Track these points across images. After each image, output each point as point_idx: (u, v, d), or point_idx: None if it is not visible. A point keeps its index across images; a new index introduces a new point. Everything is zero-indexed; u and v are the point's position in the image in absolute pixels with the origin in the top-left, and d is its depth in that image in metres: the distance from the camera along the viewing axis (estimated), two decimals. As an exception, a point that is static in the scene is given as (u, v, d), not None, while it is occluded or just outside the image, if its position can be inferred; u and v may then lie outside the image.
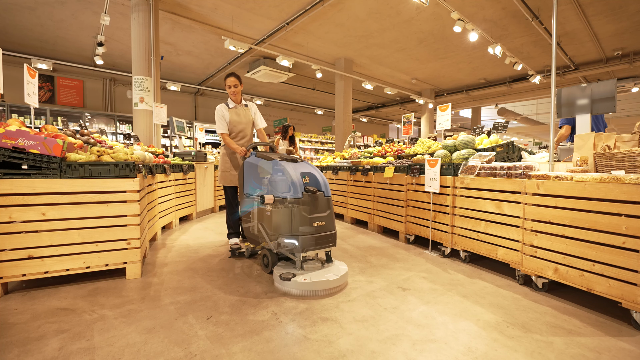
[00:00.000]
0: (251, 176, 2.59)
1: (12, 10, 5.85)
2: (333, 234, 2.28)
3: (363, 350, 1.46)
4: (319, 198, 2.24)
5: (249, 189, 2.62)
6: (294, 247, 2.15)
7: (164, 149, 7.71)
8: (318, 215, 2.21)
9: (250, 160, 2.63)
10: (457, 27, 5.65)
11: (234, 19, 6.25)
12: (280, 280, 2.12)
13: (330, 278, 2.07)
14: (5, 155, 1.92)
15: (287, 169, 2.23)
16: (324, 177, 2.38)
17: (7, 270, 1.97)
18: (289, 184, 2.19)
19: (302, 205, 2.16)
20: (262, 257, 2.52)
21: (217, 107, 3.02)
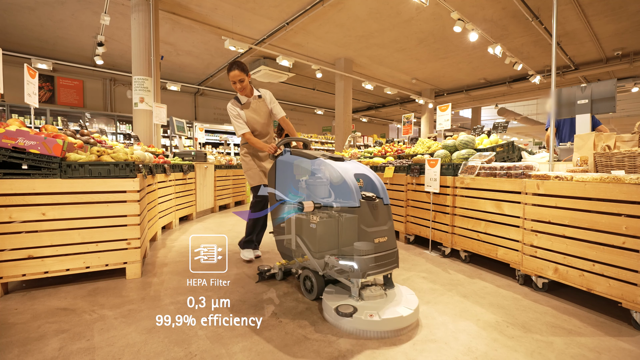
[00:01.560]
0: (285, 178, 2.15)
1: (12, 10, 5.85)
2: (395, 252, 1.83)
3: (363, 350, 1.46)
4: (378, 207, 1.80)
5: (282, 193, 2.18)
6: (351, 270, 1.68)
7: (164, 149, 7.71)
8: (379, 229, 1.77)
9: (284, 159, 2.18)
10: (457, 27, 5.65)
11: (234, 19, 6.25)
12: (336, 316, 1.63)
13: (404, 313, 1.61)
14: (5, 155, 1.92)
15: (337, 170, 1.81)
16: (380, 179, 1.95)
17: (7, 270, 1.97)
18: (341, 189, 1.78)
19: (360, 216, 1.73)
20: (304, 279, 2.04)
21: (228, 106, 2.62)
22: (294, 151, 2.20)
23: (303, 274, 2.05)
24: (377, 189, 1.92)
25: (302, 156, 2.08)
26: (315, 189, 1.91)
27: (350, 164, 1.96)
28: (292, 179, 2.09)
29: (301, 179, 2.01)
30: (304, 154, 2.09)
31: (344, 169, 1.84)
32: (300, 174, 2.04)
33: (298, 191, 2.02)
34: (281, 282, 2.27)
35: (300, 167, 2.05)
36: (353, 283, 1.74)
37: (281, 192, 2.19)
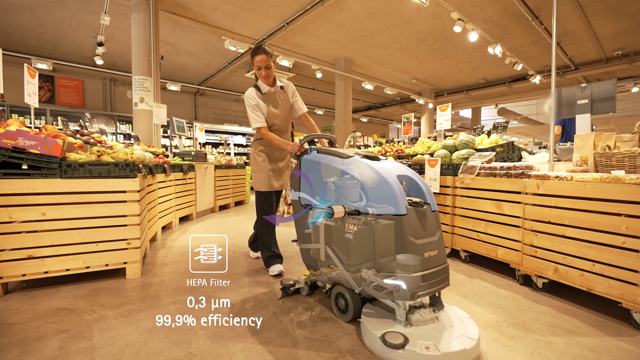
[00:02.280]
0: (311, 179, 1.89)
1: (12, 10, 5.85)
2: (446, 268, 1.56)
3: (363, 350, 1.46)
4: (427, 215, 1.54)
5: (308, 196, 1.90)
6: (397, 290, 1.39)
7: (164, 149, 7.71)
8: (428, 241, 1.50)
9: (311, 157, 1.92)
10: (457, 27, 5.65)
11: (234, 19, 6.25)
12: (383, 347, 1.35)
13: (467, 345, 1.33)
14: (5, 155, 1.92)
15: (378, 171, 1.56)
16: (424, 181, 1.70)
17: (7, 270, 1.97)
18: (382, 193, 1.52)
19: (407, 225, 1.45)
20: (336, 297, 1.78)
21: (246, 94, 2.28)
22: (322, 149, 1.94)
23: (335, 290, 1.76)
24: (423, 193, 1.65)
25: (332, 154, 1.81)
26: (347, 191, 1.62)
27: (389, 164, 1.71)
28: (320, 181, 1.81)
29: (329, 180, 1.73)
30: (334, 152, 1.82)
31: (385, 169, 1.58)
32: (328, 175, 1.75)
33: (326, 194, 1.75)
34: (307, 297, 2.02)
35: (329, 168, 1.75)
36: (399, 305, 1.47)
37: (307, 195, 1.91)
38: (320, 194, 1.80)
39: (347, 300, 1.69)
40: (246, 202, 6.88)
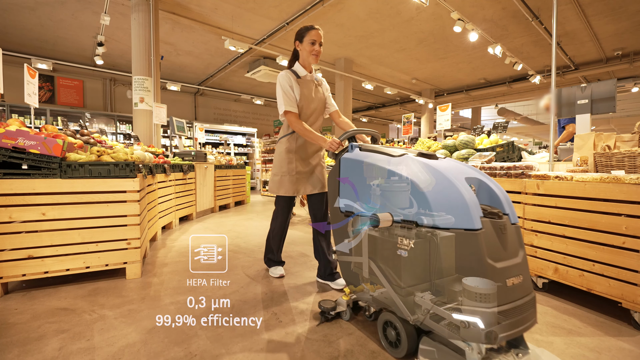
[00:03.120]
0: (352, 182, 1.59)
1: (12, 10, 5.85)
2: (533, 299, 1.20)
3: (363, 350, 1.46)
4: (507, 229, 1.20)
5: (349, 201, 1.60)
6: (466, 326, 1.05)
7: (164, 149, 7.72)
8: (510, 264, 1.15)
9: (352, 156, 1.61)
10: (457, 27, 5.65)
11: (234, 19, 6.25)
12: None
13: None
14: (5, 155, 1.92)
15: (442, 173, 1.23)
16: (500, 186, 1.36)
17: (7, 270, 1.97)
18: (446, 200, 1.18)
19: (483, 243, 1.11)
20: (383, 325, 1.45)
21: (281, 74, 2.03)
22: (366, 146, 1.65)
23: (383, 318, 1.44)
24: (499, 200, 1.30)
25: (378, 152, 1.52)
26: (397, 197, 1.31)
27: (451, 163, 1.40)
28: (363, 184, 1.52)
29: (374, 183, 1.43)
30: (381, 149, 1.54)
31: (449, 170, 1.27)
32: (374, 177, 1.45)
33: (370, 199, 1.44)
34: (348, 322, 1.71)
35: (375, 168, 1.44)
36: (472, 348, 1.10)
37: (348, 201, 1.61)
38: (364, 199, 1.49)
39: (399, 330, 1.35)
40: (246, 202, 6.88)
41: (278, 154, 2.18)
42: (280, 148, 2.16)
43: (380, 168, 1.42)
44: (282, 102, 2.01)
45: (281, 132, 2.19)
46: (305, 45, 2.05)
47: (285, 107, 2.00)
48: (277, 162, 2.18)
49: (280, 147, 2.17)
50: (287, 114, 2.00)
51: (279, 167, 2.15)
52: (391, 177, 1.35)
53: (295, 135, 2.11)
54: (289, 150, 2.12)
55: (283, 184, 2.12)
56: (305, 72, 2.11)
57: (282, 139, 2.17)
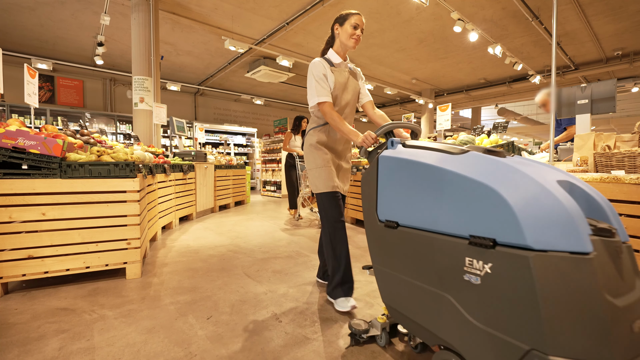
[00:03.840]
0: (395, 186, 1.24)
1: (12, 10, 5.85)
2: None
3: (363, 350, 1.46)
4: (622, 251, 0.88)
5: (390, 209, 1.24)
6: None
7: (164, 149, 7.72)
8: (633, 300, 0.83)
9: (394, 155, 1.26)
10: (457, 27, 5.65)
11: (234, 19, 6.25)
12: None
13: None
14: (5, 155, 1.92)
15: (524, 173, 0.90)
16: (598, 192, 1.03)
17: (7, 270, 1.97)
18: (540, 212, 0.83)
19: (599, 272, 0.78)
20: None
21: (313, 62, 1.83)
22: (411, 143, 1.30)
23: (441, 358, 1.09)
24: (603, 211, 0.97)
25: (432, 150, 1.17)
26: (461, 205, 0.97)
27: (532, 163, 1.05)
28: (410, 188, 1.16)
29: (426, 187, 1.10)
30: (435, 146, 1.19)
31: (535, 171, 0.93)
32: (424, 180, 1.11)
33: (421, 207, 1.11)
34: (384, 349, 1.45)
35: (428, 169, 1.10)
36: None
37: (389, 208, 1.24)
38: (412, 207, 1.15)
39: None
40: (246, 202, 6.89)
41: (308, 148, 1.95)
42: (311, 140, 1.94)
43: (437, 169, 1.06)
44: (314, 92, 1.81)
45: (310, 124, 1.99)
46: (346, 27, 1.86)
47: (318, 97, 1.79)
48: (310, 156, 1.93)
49: (310, 139, 1.95)
50: (321, 105, 1.79)
51: (313, 160, 1.92)
52: (452, 180, 1.01)
53: (328, 127, 1.92)
54: (320, 142, 1.92)
55: (321, 177, 1.87)
56: (340, 59, 1.92)
57: (311, 130, 1.95)
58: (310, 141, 1.94)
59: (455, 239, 0.99)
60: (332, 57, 1.93)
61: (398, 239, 1.20)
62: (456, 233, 0.99)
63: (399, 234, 1.19)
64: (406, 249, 1.16)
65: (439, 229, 1.04)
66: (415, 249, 1.13)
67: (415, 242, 1.13)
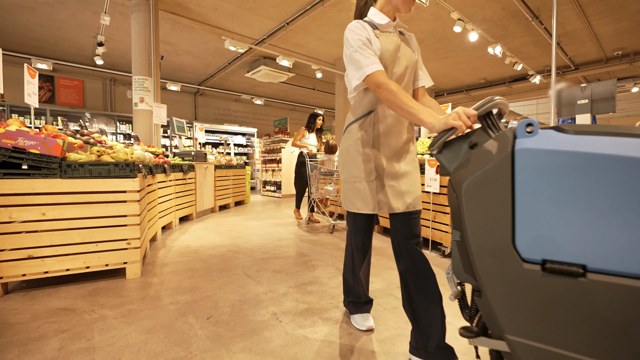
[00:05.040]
0: (568, 201, 0.61)
1: (12, 10, 5.85)
2: None
3: (363, 351, 1.46)
4: None
5: (539, 236, 0.64)
6: None
7: (164, 149, 7.72)
8: None
9: (554, 146, 0.62)
10: (457, 27, 5.65)
11: (234, 19, 6.25)
12: None
13: None
14: (5, 155, 1.92)
15: None
16: None
17: (7, 270, 1.97)
18: None
19: None
20: None
21: (349, 27, 1.31)
22: (585, 127, 0.66)
23: None
24: None
25: (628, 135, 0.59)
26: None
27: None
28: (587, 202, 0.61)
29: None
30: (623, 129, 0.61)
31: None
32: (620, 186, 0.57)
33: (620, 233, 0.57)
34: None
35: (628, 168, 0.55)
36: None
37: (541, 235, 0.65)
38: (590, 232, 0.62)
39: None
40: (246, 202, 6.89)
41: (346, 151, 1.44)
42: (349, 140, 1.42)
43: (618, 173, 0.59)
44: (356, 65, 1.24)
45: (350, 117, 1.47)
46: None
47: (365, 69, 1.20)
48: (346, 162, 1.43)
49: (348, 138, 1.43)
50: (371, 77, 1.19)
51: (349, 169, 1.41)
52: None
53: (373, 117, 1.36)
54: (364, 142, 1.37)
55: (359, 193, 1.38)
56: (387, 19, 1.34)
57: (351, 126, 1.43)
58: (349, 142, 1.42)
59: None
60: (376, 17, 1.36)
61: (583, 294, 0.63)
62: None
63: (586, 287, 0.62)
64: (607, 312, 0.62)
65: None
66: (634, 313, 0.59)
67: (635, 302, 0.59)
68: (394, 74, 1.34)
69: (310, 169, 4.44)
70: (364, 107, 1.39)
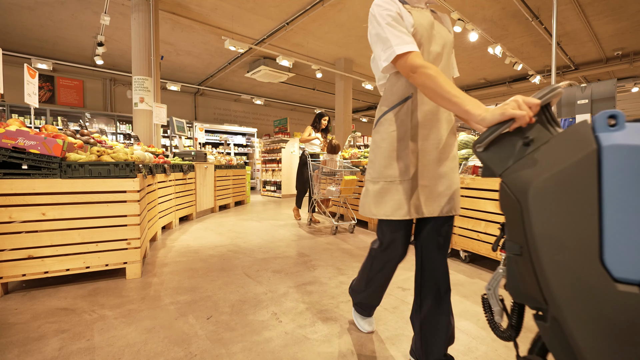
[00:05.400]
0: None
1: (12, 10, 5.85)
2: None
3: (363, 351, 1.46)
4: None
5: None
6: None
7: (164, 149, 7.72)
8: None
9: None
10: (457, 27, 5.65)
11: (234, 19, 6.25)
12: None
13: None
14: (5, 155, 1.92)
15: None
16: None
17: (7, 270, 1.97)
18: None
19: None
20: None
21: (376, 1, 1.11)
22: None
23: None
24: None
25: None
26: None
27: None
28: None
29: None
30: None
31: None
32: None
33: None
34: None
35: None
36: None
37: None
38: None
39: None
40: (246, 202, 6.89)
41: (376, 146, 1.21)
42: (382, 134, 1.19)
43: None
44: (383, 44, 1.07)
45: (381, 107, 1.21)
46: None
47: (396, 48, 1.02)
48: (376, 159, 1.21)
49: (381, 132, 1.19)
50: (403, 58, 1.02)
51: (380, 167, 1.19)
52: None
53: (411, 105, 1.14)
54: (400, 134, 1.15)
55: (388, 197, 1.16)
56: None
57: (383, 117, 1.19)
58: (381, 135, 1.18)
59: None
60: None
61: None
62: None
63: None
64: None
65: None
66: None
67: None
68: (431, 52, 1.12)
69: (312, 169, 4.35)
70: (398, 94, 1.15)
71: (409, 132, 1.15)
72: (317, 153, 4.66)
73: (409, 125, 1.15)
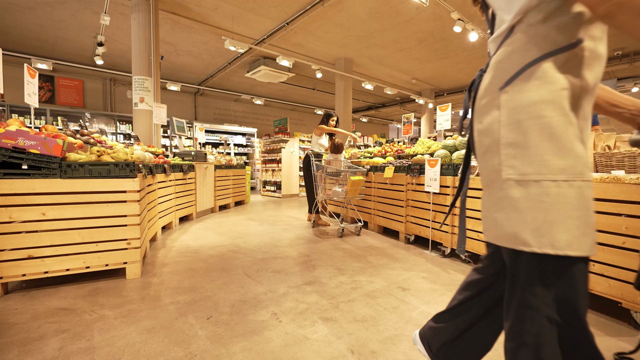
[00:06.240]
0: None
1: (12, 10, 5.85)
2: None
3: (363, 351, 1.46)
4: None
5: None
6: None
7: (164, 149, 7.72)
8: None
9: None
10: (457, 27, 5.65)
11: (234, 19, 6.25)
12: None
13: None
14: (5, 155, 1.92)
15: None
16: None
17: (7, 270, 1.97)
18: None
19: None
20: None
21: None
22: None
23: None
24: None
25: None
26: None
27: None
28: None
29: None
30: None
31: None
32: None
33: None
34: None
35: None
36: None
37: None
38: None
39: None
40: (246, 202, 6.89)
41: (528, 115, 0.68)
42: (537, 94, 0.68)
43: None
44: None
45: (517, 56, 0.71)
46: None
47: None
48: (529, 140, 0.68)
49: (534, 91, 0.68)
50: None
51: (539, 153, 0.68)
52: None
53: (580, 54, 0.66)
54: (574, 98, 0.68)
55: (560, 212, 0.68)
56: None
57: (534, 66, 0.68)
58: (536, 96, 0.68)
59: None
60: None
61: None
62: None
63: None
64: None
65: None
66: None
67: None
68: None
69: (315, 169, 4.17)
70: (557, 34, 0.67)
71: (580, 98, 0.69)
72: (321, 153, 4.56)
73: (580, 87, 0.68)
